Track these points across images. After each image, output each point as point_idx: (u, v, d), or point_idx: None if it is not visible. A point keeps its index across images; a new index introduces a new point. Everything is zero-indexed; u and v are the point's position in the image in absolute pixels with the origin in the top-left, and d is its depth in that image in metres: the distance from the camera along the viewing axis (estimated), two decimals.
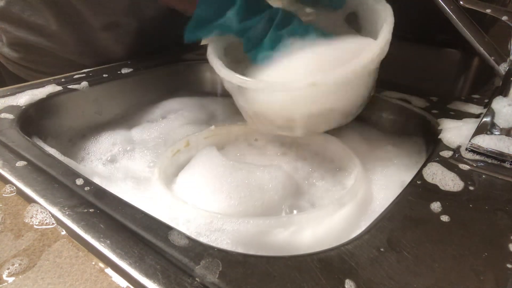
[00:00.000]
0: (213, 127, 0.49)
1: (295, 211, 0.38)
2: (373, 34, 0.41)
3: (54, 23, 0.60)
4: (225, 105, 0.60)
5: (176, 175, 0.43)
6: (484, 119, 0.40)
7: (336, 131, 0.49)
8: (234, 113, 0.54)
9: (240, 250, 0.31)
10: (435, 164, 0.35)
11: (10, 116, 0.43)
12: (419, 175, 0.34)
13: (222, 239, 0.32)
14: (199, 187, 0.39)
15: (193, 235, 0.32)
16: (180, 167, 0.44)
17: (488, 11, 0.43)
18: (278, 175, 0.40)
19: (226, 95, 0.48)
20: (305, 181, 0.43)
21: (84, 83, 0.52)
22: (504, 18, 0.42)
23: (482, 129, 0.39)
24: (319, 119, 0.42)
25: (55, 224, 0.28)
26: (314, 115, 0.40)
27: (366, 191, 0.39)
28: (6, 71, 0.68)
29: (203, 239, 0.32)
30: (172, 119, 0.56)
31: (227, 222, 0.33)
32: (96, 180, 0.34)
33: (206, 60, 0.44)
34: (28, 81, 0.53)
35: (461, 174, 0.34)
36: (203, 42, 0.67)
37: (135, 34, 0.66)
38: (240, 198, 0.37)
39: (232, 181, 0.38)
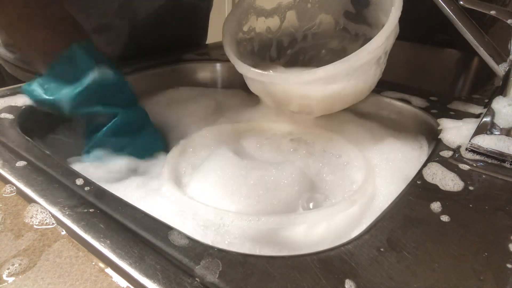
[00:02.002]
0: (220, 125, 0.49)
1: (311, 205, 0.38)
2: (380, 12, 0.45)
3: None
4: (225, 105, 0.60)
5: (183, 175, 0.43)
6: (484, 119, 0.40)
7: (335, 130, 0.50)
8: (237, 112, 0.54)
9: (249, 247, 0.31)
10: (435, 164, 0.35)
11: (10, 116, 0.43)
12: (419, 175, 0.34)
13: (232, 237, 0.32)
14: (216, 188, 0.38)
15: (201, 233, 0.32)
16: (186, 167, 0.44)
17: (493, 12, 0.42)
18: (293, 172, 0.40)
19: None
20: (317, 176, 0.43)
21: None
22: (510, 21, 0.42)
23: (482, 129, 0.39)
24: (333, 100, 0.45)
25: (55, 224, 0.28)
26: (328, 97, 0.44)
27: (374, 188, 0.39)
28: (7, 72, 0.68)
29: (211, 238, 0.32)
30: (171, 119, 0.56)
31: (237, 219, 0.32)
32: (100, 182, 0.34)
33: (206, 60, 0.44)
34: (25, 82, 0.52)
35: (461, 174, 0.34)
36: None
37: (126, 37, 0.65)
38: (258, 197, 0.37)
39: (249, 181, 0.38)
